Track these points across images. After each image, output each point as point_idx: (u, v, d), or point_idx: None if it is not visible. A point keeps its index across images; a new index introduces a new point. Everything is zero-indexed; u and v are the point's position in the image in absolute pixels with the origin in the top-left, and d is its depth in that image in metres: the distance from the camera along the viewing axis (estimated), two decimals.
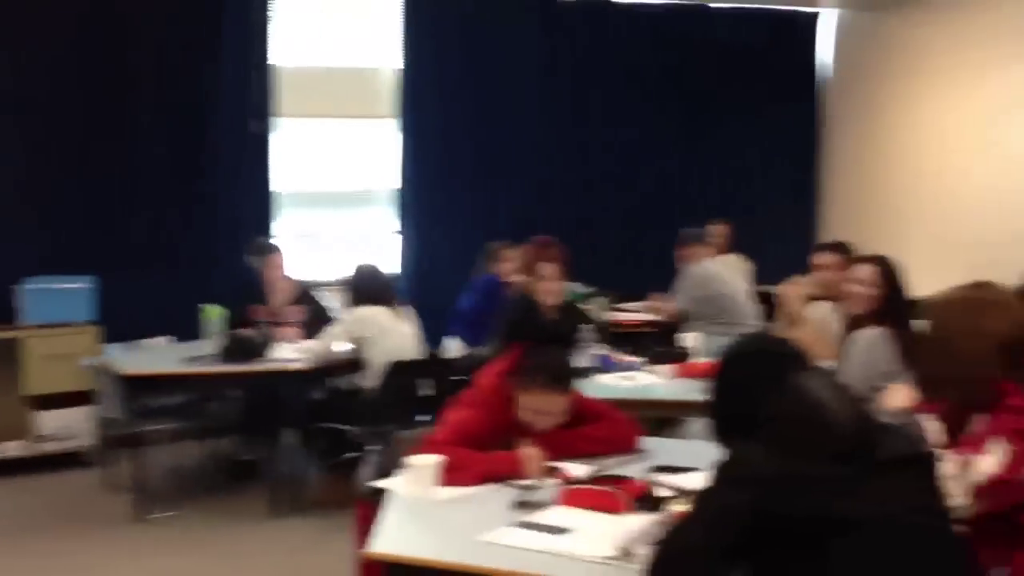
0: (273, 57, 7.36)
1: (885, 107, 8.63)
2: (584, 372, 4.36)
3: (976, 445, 2.37)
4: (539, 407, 2.89)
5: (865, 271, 3.96)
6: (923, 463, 2.04)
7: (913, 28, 8.31)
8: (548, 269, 4.98)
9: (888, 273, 3.96)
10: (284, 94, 7.42)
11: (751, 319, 6.14)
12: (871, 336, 3.80)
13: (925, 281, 6.02)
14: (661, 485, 2.64)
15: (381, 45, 7.80)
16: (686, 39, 8.69)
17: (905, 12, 8.36)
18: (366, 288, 5.11)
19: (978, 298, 2.51)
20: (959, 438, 2.47)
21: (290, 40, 7.47)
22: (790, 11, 9.00)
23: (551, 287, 5.00)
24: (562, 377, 2.91)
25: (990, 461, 2.31)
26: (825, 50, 9.25)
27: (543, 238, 6.03)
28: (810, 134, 9.29)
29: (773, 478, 1.90)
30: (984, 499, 2.31)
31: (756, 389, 2.08)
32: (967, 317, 2.47)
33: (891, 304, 3.87)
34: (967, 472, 2.33)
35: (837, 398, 2.00)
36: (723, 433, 2.16)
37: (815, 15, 9.12)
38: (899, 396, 2.73)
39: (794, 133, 9.21)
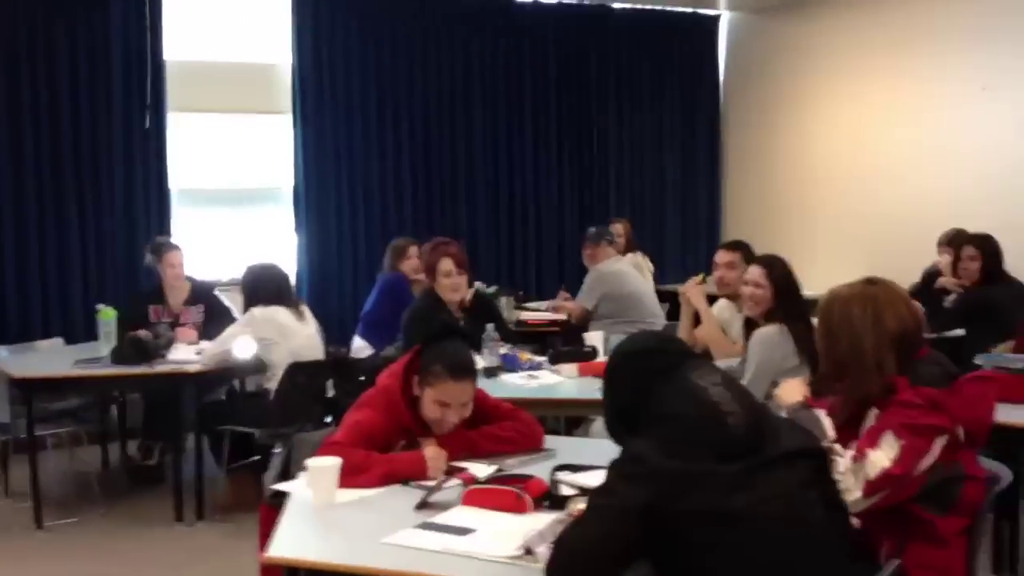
0: (166, 52, 7.19)
1: (780, 108, 8.86)
2: (489, 371, 4.36)
3: (869, 440, 2.43)
4: (444, 398, 2.86)
5: (754, 272, 4.06)
6: (814, 457, 2.09)
7: (805, 31, 8.55)
8: (450, 267, 4.96)
9: (777, 273, 4.04)
10: (178, 89, 7.26)
11: (655, 318, 6.23)
12: (767, 333, 3.88)
13: (823, 277, 6.21)
14: (564, 484, 2.65)
15: (276, 40, 7.68)
16: (588, 39, 8.77)
17: (796, 16, 8.60)
18: (263, 288, 5.01)
19: (873, 295, 2.57)
20: (852, 433, 2.54)
21: (183, 34, 7.31)
22: (692, 13, 9.16)
23: (454, 285, 4.98)
24: (462, 366, 2.89)
25: (883, 456, 2.37)
26: (722, 52, 9.43)
27: (444, 238, 6.02)
28: (712, 134, 9.47)
29: (668, 475, 1.93)
30: (877, 493, 2.37)
31: (647, 386, 2.10)
32: (865, 313, 2.53)
33: (783, 302, 3.97)
34: (861, 467, 2.38)
35: (729, 394, 2.04)
36: (617, 430, 2.19)
37: (716, 17, 9.29)
38: (793, 390, 2.78)
39: (697, 133, 9.38)
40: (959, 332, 5.43)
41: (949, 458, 2.42)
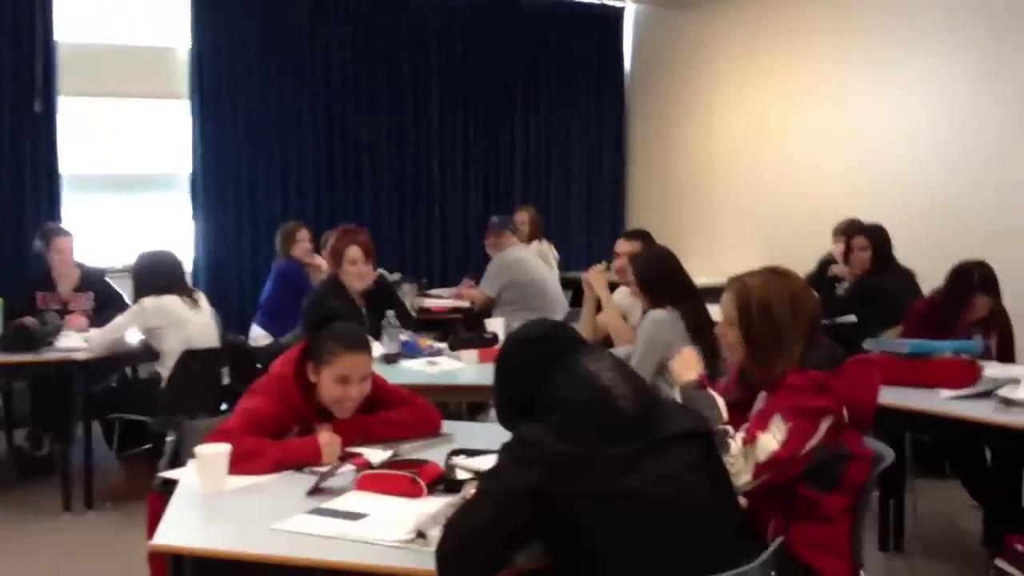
0: (57, 33, 6.96)
1: (683, 99, 9.00)
2: (389, 357, 4.34)
3: (758, 423, 2.47)
4: (343, 371, 2.82)
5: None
6: (702, 439, 2.13)
7: (708, 24, 8.70)
8: (358, 255, 4.91)
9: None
10: (69, 72, 7.04)
11: (559, 305, 6.26)
12: (658, 316, 3.95)
13: (724, 264, 6.34)
14: (460, 468, 2.64)
15: (173, 23, 7.50)
16: (495, 27, 8.76)
17: (699, 9, 8.74)
18: (155, 276, 4.89)
19: (791, 288, 2.61)
20: (740, 416, 2.58)
21: (75, 16, 7.08)
22: (598, 4, 9.22)
23: (360, 274, 4.93)
24: (359, 338, 2.87)
25: (771, 438, 2.42)
26: (628, 44, 9.52)
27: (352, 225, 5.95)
28: (618, 124, 9.56)
29: (558, 457, 1.94)
30: (766, 475, 2.42)
31: (540, 372, 2.11)
32: (784, 306, 2.56)
33: (670, 287, 4.05)
34: (751, 450, 2.42)
35: (619, 378, 2.06)
36: (508, 416, 2.19)
37: (621, 9, 9.37)
38: (688, 364, 2.81)
39: (603, 123, 9.46)
40: (852, 319, 5.58)
41: (834, 439, 2.48)
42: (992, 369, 4.00)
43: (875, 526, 4.14)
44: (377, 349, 4.20)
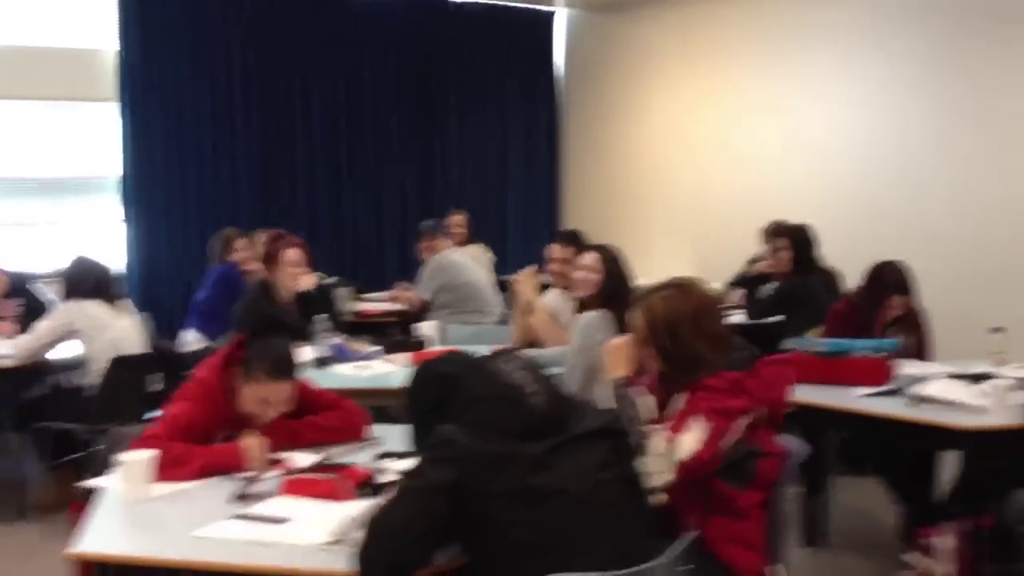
0: None
1: (617, 103, 9.10)
2: (319, 362, 4.34)
3: (678, 423, 2.54)
4: (264, 396, 2.84)
5: (588, 258, 4.19)
6: (614, 437, 2.19)
7: (639, 29, 8.81)
8: (290, 257, 4.91)
9: (609, 260, 4.18)
10: None
11: (493, 308, 6.30)
12: (591, 318, 4.00)
13: (657, 267, 6.43)
14: (387, 471, 2.67)
15: (99, 25, 7.40)
16: (429, 31, 8.79)
17: (631, 14, 8.85)
18: (80, 281, 4.84)
19: (695, 302, 2.68)
20: (660, 416, 2.65)
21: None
22: (530, 8, 9.29)
23: (293, 275, 4.93)
24: (284, 366, 2.88)
25: (692, 439, 2.49)
26: (561, 48, 9.60)
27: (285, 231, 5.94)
28: (550, 129, 9.63)
29: (474, 456, 1.99)
30: (687, 474, 2.48)
31: (449, 376, 2.20)
32: (691, 321, 2.64)
33: (612, 288, 4.10)
34: (672, 450, 2.49)
35: (530, 377, 2.12)
36: (423, 418, 2.24)
37: (552, 13, 9.45)
38: (617, 356, 2.85)
39: (537, 126, 9.52)
40: (778, 318, 5.70)
41: (749, 436, 2.56)
42: (908, 367, 4.13)
43: (800, 523, 4.23)
44: (308, 353, 4.22)
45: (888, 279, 4.50)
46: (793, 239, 5.82)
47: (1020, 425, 3.36)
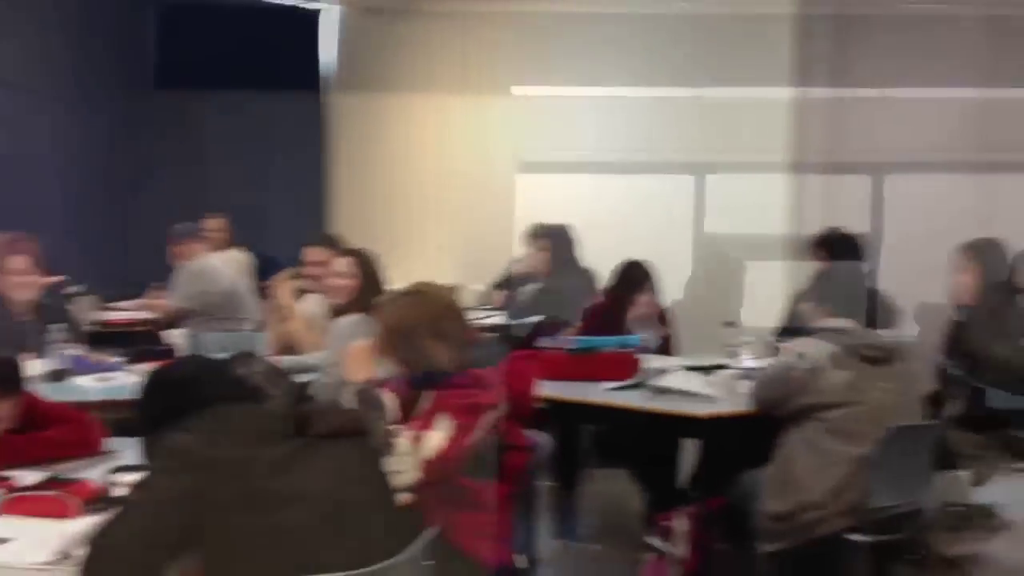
0: None
1: (389, 108, 9.12)
2: (55, 374, 4.09)
3: (424, 421, 2.57)
4: None
5: (343, 263, 4.16)
6: (357, 437, 2.18)
7: (415, 33, 8.86)
8: (22, 264, 4.59)
9: (365, 264, 4.17)
10: None
11: (250, 314, 6.14)
12: (348, 323, 3.98)
13: (426, 272, 6.48)
14: (120, 485, 2.55)
15: None
16: (191, 28, 8.48)
17: (408, 18, 8.91)
18: None
19: (429, 306, 2.73)
20: (407, 415, 2.67)
21: None
22: (290, 6, 9.12)
23: (25, 284, 4.61)
24: (2, 380, 2.70)
25: (437, 436, 2.52)
26: (329, 48, 9.49)
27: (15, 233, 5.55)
28: (315, 131, 9.48)
29: (207, 463, 1.92)
30: (433, 472, 2.51)
31: (183, 380, 2.13)
32: (426, 324, 2.68)
33: (367, 293, 4.09)
34: (418, 448, 2.51)
35: (272, 382, 2.08)
36: (154, 427, 2.14)
37: (316, 11, 9.31)
38: (360, 362, 2.85)
39: (299, 129, 9.34)
40: (536, 319, 5.86)
41: (495, 430, 2.63)
42: (652, 362, 4.35)
43: (552, 515, 4.36)
44: (39, 366, 3.96)
45: (631, 278, 4.72)
46: (552, 240, 6.00)
47: (747, 412, 3.60)
